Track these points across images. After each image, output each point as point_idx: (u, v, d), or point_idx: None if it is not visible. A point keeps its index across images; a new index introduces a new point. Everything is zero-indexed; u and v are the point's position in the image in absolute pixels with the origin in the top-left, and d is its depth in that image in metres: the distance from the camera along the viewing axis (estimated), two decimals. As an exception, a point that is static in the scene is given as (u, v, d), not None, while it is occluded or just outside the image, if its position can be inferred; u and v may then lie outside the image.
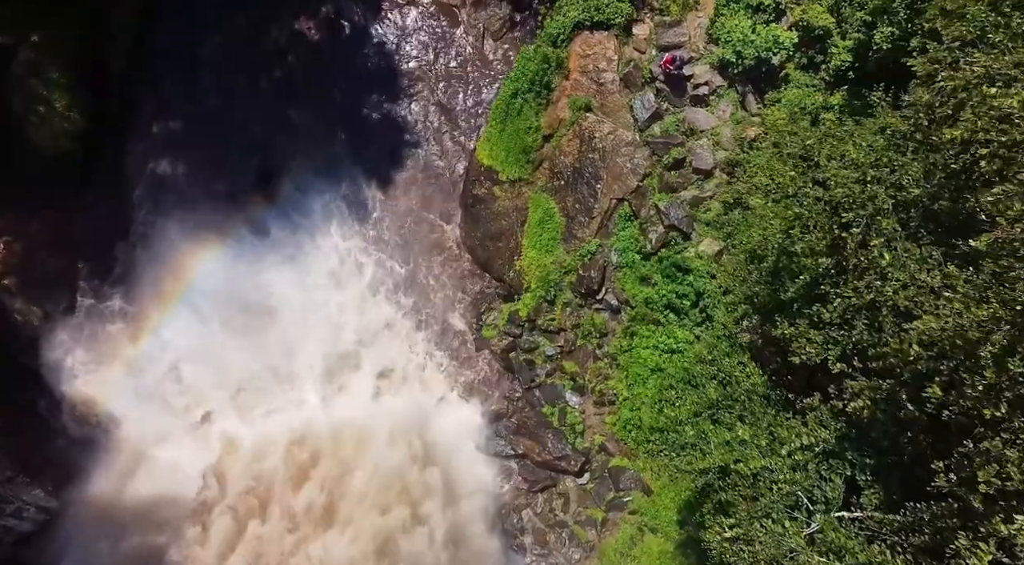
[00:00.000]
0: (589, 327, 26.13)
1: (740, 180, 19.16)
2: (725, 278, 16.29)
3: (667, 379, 19.91)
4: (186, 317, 28.50)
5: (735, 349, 15.06)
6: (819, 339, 11.64)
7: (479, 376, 28.60)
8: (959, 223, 10.12)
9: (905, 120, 11.16)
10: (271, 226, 28.77)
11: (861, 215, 11.06)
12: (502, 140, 26.99)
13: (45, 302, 27.88)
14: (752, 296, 14.60)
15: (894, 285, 10.14)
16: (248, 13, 28.78)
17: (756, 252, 14.08)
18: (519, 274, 27.38)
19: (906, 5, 16.27)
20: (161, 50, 28.70)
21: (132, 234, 28.77)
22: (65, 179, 27.14)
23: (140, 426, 27.73)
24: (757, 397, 13.35)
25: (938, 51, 11.35)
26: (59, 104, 24.46)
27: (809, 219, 11.98)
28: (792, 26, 22.59)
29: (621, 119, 25.44)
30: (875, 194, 11.12)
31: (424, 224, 29.26)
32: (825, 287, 11.71)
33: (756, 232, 13.80)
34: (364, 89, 29.27)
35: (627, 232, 25.29)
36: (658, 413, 18.23)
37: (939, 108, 10.50)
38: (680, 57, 23.83)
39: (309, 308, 28.37)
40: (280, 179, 28.92)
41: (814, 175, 12.60)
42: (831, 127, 15.00)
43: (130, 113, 28.51)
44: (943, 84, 10.49)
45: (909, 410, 9.76)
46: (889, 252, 10.27)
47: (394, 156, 29.19)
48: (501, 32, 28.77)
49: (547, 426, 27.02)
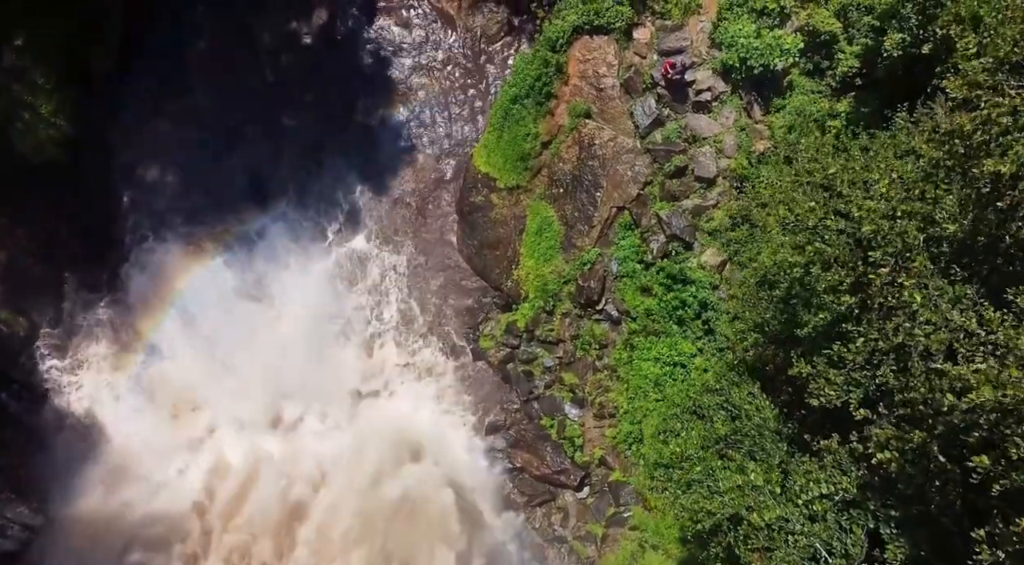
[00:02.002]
0: (589, 338, 25.55)
1: (748, 195, 18.50)
2: (734, 303, 15.56)
3: (672, 408, 19.26)
4: (176, 328, 27.92)
5: (744, 379, 14.37)
6: (839, 380, 10.86)
7: (475, 387, 27.98)
8: (998, 259, 9.46)
9: (938, 146, 10.42)
10: (263, 233, 28.19)
11: (889, 252, 10.32)
12: (500, 147, 26.37)
13: (31, 312, 27.29)
14: (763, 324, 13.88)
15: (926, 329, 9.37)
16: (240, 16, 28.16)
17: (767, 278, 13.37)
18: (517, 283, 26.78)
19: (917, 11, 15.72)
20: (150, 51, 28.08)
21: (120, 242, 28.15)
22: (51, 185, 26.47)
23: (128, 440, 27.14)
24: (768, 432, 12.66)
25: (977, 74, 10.60)
26: (44, 110, 23.83)
27: (831, 255, 11.22)
28: (797, 30, 22.03)
29: (621, 125, 24.84)
30: (905, 230, 10.41)
31: (420, 232, 28.65)
32: (847, 325, 10.97)
33: (767, 257, 13.11)
34: (359, 94, 28.66)
35: (628, 241, 24.72)
36: (662, 445, 17.57)
37: (978, 135, 9.76)
38: (681, 62, 23.24)
39: (302, 320, 27.72)
40: (272, 185, 28.31)
41: (835, 205, 11.84)
42: (851, 154, 14.06)
43: (117, 116, 27.86)
44: (988, 112, 9.72)
45: (940, 462, 9.06)
46: (921, 293, 9.54)
47: (389, 162, 28.59)
48: (499, 36, 28.19)
49: (546, 439, 26.44)
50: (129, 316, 28.02)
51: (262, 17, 28.27)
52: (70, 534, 24.78)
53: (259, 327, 27.81)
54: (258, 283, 27.83)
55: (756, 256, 16.14)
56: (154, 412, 27.63)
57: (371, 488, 27.05)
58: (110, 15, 25.54)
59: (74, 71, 24.87)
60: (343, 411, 27.94)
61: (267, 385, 27.44)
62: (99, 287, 27.95)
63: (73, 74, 25.35)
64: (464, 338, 28.10)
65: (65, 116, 24.59)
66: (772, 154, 19.58)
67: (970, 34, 14.41)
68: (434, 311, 28.46)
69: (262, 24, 28.49)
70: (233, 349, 27.73)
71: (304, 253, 28.41)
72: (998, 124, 9.78)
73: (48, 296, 27.38)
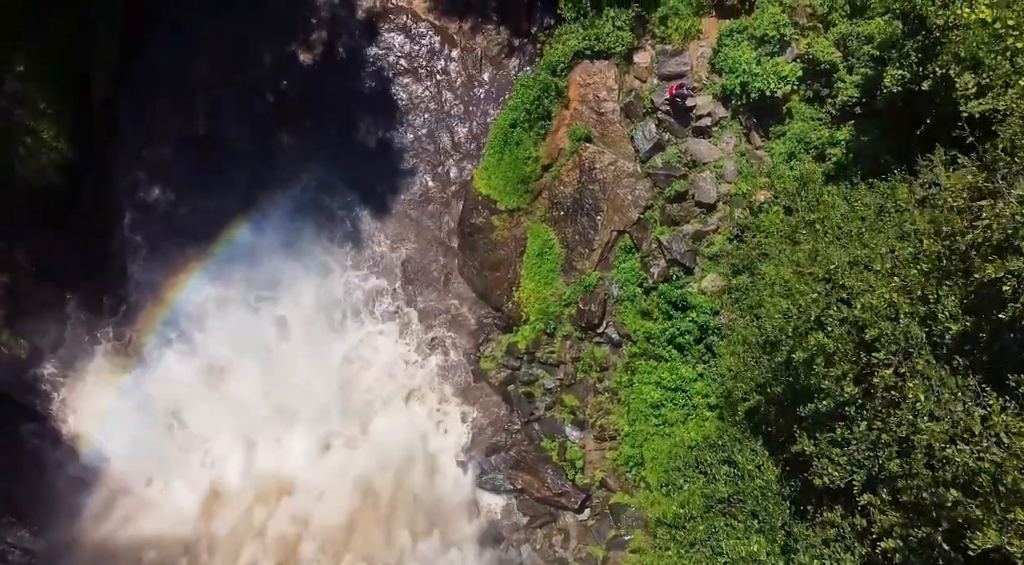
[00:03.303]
0: (589, 360, 25.61)
1: (749, 244, 18.49)
2: (734, 360, 15.53)
3: (674, 459, 19.25)
4: (178, 349, 27.92)
5: (746, 435, 14.35)
6: (843, 460, 10.88)
7: (476, 408, 28.01)
8: (1000, 348, 9.46)
9: (938, 236, 10.30)
10: (262, 254, 28.15)
11: (892, 351, 10.33)
12: (500, 169, 26.44)
13: (32, 334, 27.26)
14: (765, 384, 13.87)
15: (929, 426, 9.34)
16: (239, 35, 28.19)
17: (768, 340, 13.34)
18: (517, 305, 26.83)
19: (917, 49, 15.80)
20: (150, 72, 28.06)
21: (121, 263, 28.16)
22: (51, 208, 26.53)
23: (131, 463, 27.08)
24: (771, 494, 12.65)
25: (978, 177, 10.50)
26: (46, 134, 23.87)
27: (833, 349, 11.19)
28: (797, 58, 22.12)
29: (622, 150, 24.93)
30: (909, 329, 10.44)
31: (420, 252, 28.69)
32: (850, 409, 10.95)
33: (769, 322, 13.07)
34: (359, 114, 28.70)
35: (628, 265, 24.79)
36: (664, 497, 17.56)
37: (978, 235, 9.63)
38: (686, 85, 23.33)
39: (301, 340, 27.75)
40: (272, 206, 28.32)
41: (838, 294, 11.80)
42: (854, 238, 13.60)
43: (116, 138, 27.90)
44: (988, 222, 9.62)
45: (945, 550, 9.03)
46: (924, 392, 9.55)
47: (389, 183, 28.63)
48: (499, 57, 28.27)
49: (546, 460, 26.47)
50: (129, 336, 28.03)
51: (262, 37, 28.31)
52: (71, 559, 24.75)
53: (258, 345, 27.84)
54: (257, 301, 27.81)
55: (758, 305, 16.17)
56: (154, 432, 27.56)
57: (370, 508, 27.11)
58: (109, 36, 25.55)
59: (75, 93, 24.89)
60: (342, 429, 27.92)
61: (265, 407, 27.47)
62: (100, 308, 27.95)
63: (74, 96, 25.39)
64: (465, 358, 28.15)
65: (66, 140, 24.61)
66: (772, 204, 19.62)
67: (969, 75, 14.56)
68: (433, 331, 28.50)
69: (262, 45, 28.55)
70: (233, 367, 27.78)
71: (303, 271, 28.42)
72: (999, 230, 9.66)
73: (49, 318, 27.35)
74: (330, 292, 28.54)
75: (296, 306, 28.33)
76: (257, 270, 28.26)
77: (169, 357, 27.84)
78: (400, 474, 27.46)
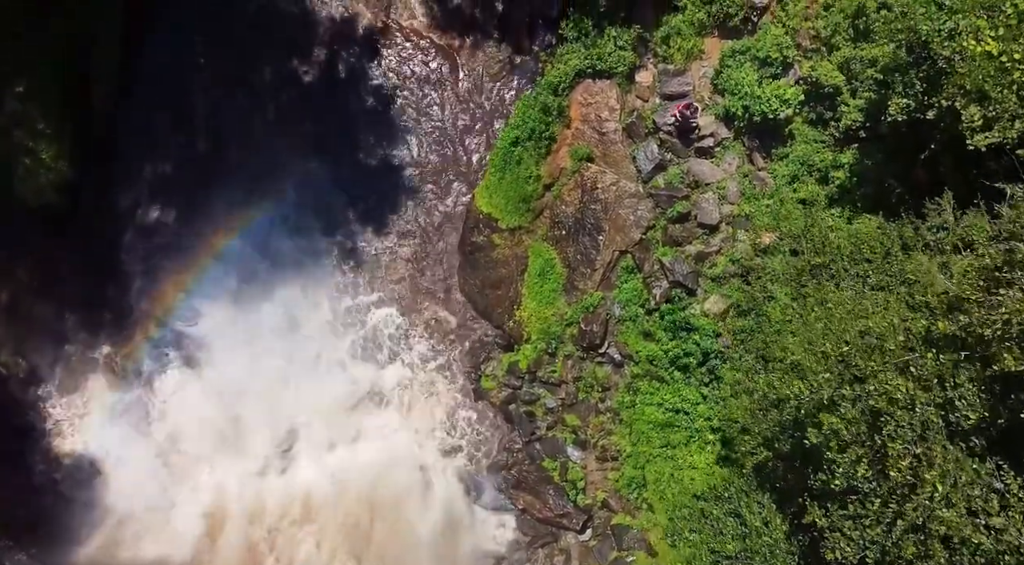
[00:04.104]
0: (591, 380, 25.50)
1: (755, 287, 18.31)
2: (741, 412, 15.30)
3: (681, 509, 19.06)
4: (177, 367, 27.75)
5: (753, 489, 14.13)
6: (855, 534, 10.68)
7: (476, 427, 27.87)
8: (1020, 432, 9.28)
9: (954, 324, 10.04)
10: (261, 272, 27.99)
11: (909, 439, 10.07)
12: (501, 188, 26.34)
13: (31, 353, 27.09)
14: (772, 439, 13.66)
15: (948, 515, 9.13)
16: (239, 53, 27.99)
17: (778, 399, 13.10)
18: (519, 324, 26.72)
19: (922, 78, 15.70)
20: (151, 89, 27.91)
21: (120, 280, 27.97)
22: (51, 226, 26.36)
23: (130, 483, 26.89)
24: (780, 553, 12.44)
25: (995, 259, 10.12)
26: (46, 155, 23.73)
27: (847, 433, 10.94)
28: (800, 80, 22.03)
29: (624, 169, 24.84)
30: (926, 418, 10.18)
31: (420, 269, 28.54)
32: (865, 487, 10.73)
33: (778, 380, 12.82)
34: (359, 130, 28.52)
35: (630, 285, 24.68)
36: (671, 548, 17.37)
37: (996, 329, 9.38)
38: (693, 105, 23.20)
39: (301, 358, 27.61)
40: (272, 224, 28.15)
41: (852, 372, 11.60)
42: (864, 299, 13.19)
43: (116, 155, 27.72)
44: (1008, 316, 9.32)
45: None
46: (941, 480, 9.35)
47: (389, 200, 28.45)
48: (500, 75, 28.11)
49: (548, 481, 26.36)
50: (128, 354, 27.86)
51: (263, 53, 28.13)
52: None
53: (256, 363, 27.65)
54: (256, 322, 27.64)
55: (763, 346, 16.01)
56: (153, 451, 27.40)
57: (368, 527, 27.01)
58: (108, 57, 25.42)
59: (74, 114, 24.75)
60: (340, 447, 27.79)
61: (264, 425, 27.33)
62: (99, 326, 27.74)
63: (74, 114, 25.23)
64: (466, 377, 28.02)
65: (65, 159, 24.46)
66: (777, 247, 19.47)
67: (975, 107, 14.46)
68: (433, 349, 28.36)
69: (263, 61, 28.36)
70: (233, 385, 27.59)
71: (302, 288, 28.27)
72: (1019, 323, 9.37)
73: (48, 336, 27.16)
74: (329, 310, 28.38)
75: (295, 323, 28.19)
76: (256, 288, 28.06)
77: (168, 375, 27.68)
78: (399, 493, 27.36)
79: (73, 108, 24.71)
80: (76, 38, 24.21)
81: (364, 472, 27.48)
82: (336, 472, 27.49)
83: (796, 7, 22.04)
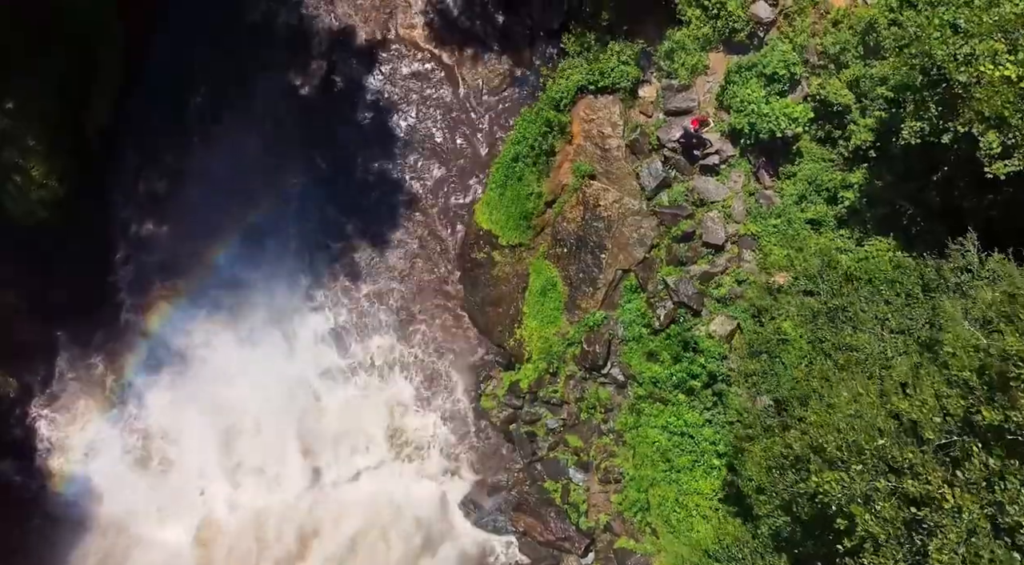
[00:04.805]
0: (594, 401, 24.98)
1: (768, 329, 17.75)
2: (756, 470, 14.65)
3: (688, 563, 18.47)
4: (168, 384, 27.29)
5: (769, 552, 13.52)
6: None
7: (476, 447, 27.36)
8: None
9: (998, 413, 9.42)
10: (260, 292, 27.53)
11: (955, 543, 9.41)
12: (502, 204, 25.85)
13: (22, 372, 26.70)
14: (791, 502, 13.00)
15: None
16: (237, 67, 27.55)
17: (797, 457, 12.44)
18: (520, 343, 26.22)
19: (936, 101, 15.19)
20: (147, 105, 27.47)
21: (112, 297, 27.53)
22: (43, 244, 25.89)
23: (123, 500, 26.48)
24: None
25: None
26: (36, 172, 23.28)
27: (884, 535, 10.23)
28: (807, 97, 21.50)
29: (627, 187, 24.33)
30: (974, 524, 9.48)
31: (418, 285, 28.04)
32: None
33: (795, 440, 12.20)
34: (357, 146, 28.09)
35: (633, 305, 24.16)
36: None
37: None
38: (706, 119, 22.63)
39: (296, 380, 27.16)
40: (270, 241, 27.69)
41: (888, 463, 10.82)
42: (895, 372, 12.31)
43: (112, 172, 27.29)
44: None
45: None
46: None
47: (388, 215, 27.99)
48: (500, 88, 27.64)
49: (549, 503, 25.86)
50: (120, 371, 27.41)
51: (261, 69, 27.68)
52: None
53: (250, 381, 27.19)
54: (252, 344, 27.19)
55: (776, 388, 15.46)
56: (145, 468, 26.98)
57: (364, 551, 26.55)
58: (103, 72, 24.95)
59: (66, 131, 24.27)
60: (335, 465, 27.32)
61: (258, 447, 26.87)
62: (91, 344, 27.32)
63: (67, 131, 24.77)
64: (466, 396, 27.53)
65: (57, 177, 23.99)
66: (791, 287, 18.93)
67: (993, 134, 13.96)
68: (432, 366, 27.87)
69: (260, 76, 27.89)
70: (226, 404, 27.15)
71: (298, 305, 27.80)
72: None
73: (40, 355, 26.78)
74: (325, 326, 27.92)
75: (290, 340, 27.74)
76: (250, 305, 27.66)
77: (159, 392, 27.25)
78: (396, 514, 26.90)
79: (67, 124, 24.27)
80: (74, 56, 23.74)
81: (360, 494, 27.05)
82: (332, 493, 27.05)
83: (803, 23, 21.52)
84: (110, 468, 26.74)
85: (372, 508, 27.00)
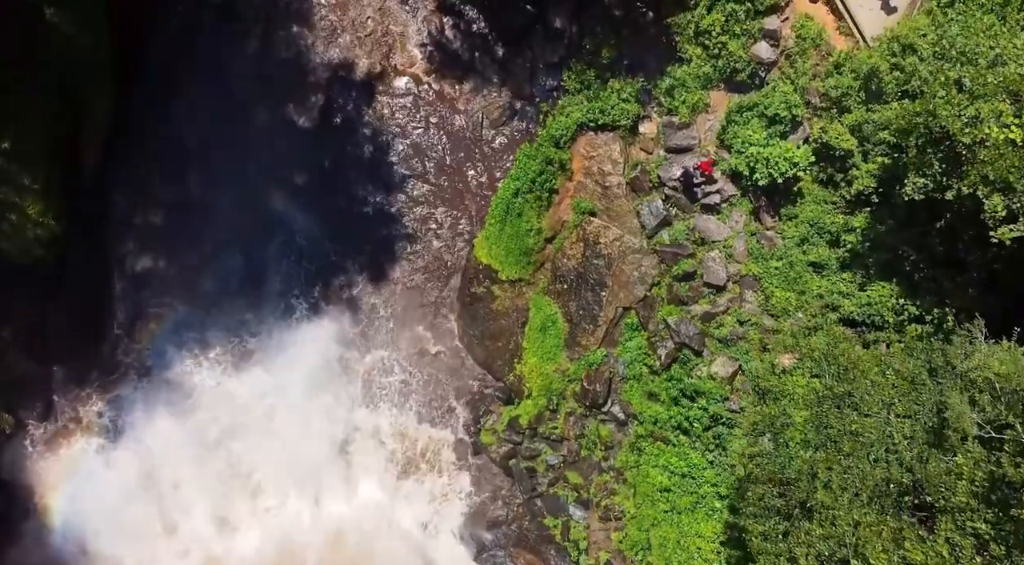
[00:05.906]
0: (594, 438, 24.84)
1: (772, 410, 17.58)
2: (765, 561, 14.48)
3: None
4: (164, 416, 27.09)
5: None
6: None
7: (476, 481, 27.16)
8: None
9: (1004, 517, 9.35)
10: (258, 326, 27.36)
11: None
12: (501, 239, 25.69)
13: (18, 408, 26.49)
14: None
15: None
16: (233, 102, 27.31)
17: None
18: (520, 378, 26.06)
19: (940, 158, 15.07)
20: (143, 138, 27.24)
21: (108, 332, 27.34)
22: (39, 280, 25.71)
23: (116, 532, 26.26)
24: None
25: None
26: (32, 210, 23.09)
27: None
28: (809, 139, 21.39)
29: (628, 224, 24.21)
30: None
31: (417, 319, 27.85)
32: None
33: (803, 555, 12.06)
34: (356, 178, 27.86)
35: (634, 343, 24.04)
36: None
37: None
38: (713, 160, 22.49)
39: (296, 412, 26.93)
40: (268, 276, 27.51)
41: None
42: None
43: (108, 207, 27.08)
44: None
45: None
46: None
47: (388, 250, 27.79)
48: (500, 120, 27.47)
49: (549, 540, 25.72)
50: (121, 411, 27.23)
51: (258, 103, 27.46)
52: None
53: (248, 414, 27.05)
54: (251, 377, 27.02)
55: (780, 471, 15.29)
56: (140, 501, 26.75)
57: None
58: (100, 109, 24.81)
59: (62, 168, 24.09)
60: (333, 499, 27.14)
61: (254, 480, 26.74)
62: (88, 380, 27.14)
63: (62, 169, 24.56)
64: (465, 430, 27.35)
65: (53, 214, 23.80)
66: (798, 368, 18.80)
67: (998, 197, 13.84)
68: (431, 401, 27.68)
69: (259, 107, 27.68)
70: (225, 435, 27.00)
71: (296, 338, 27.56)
72: None
73: (36, 391, 26.62)
74: (323, 359, 27.66)
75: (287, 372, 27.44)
76: (248, 338, 27.51)
77: (156, 424, 27.02)
78: (395, 548, 26.70)
79: (61, 162, 24.08)
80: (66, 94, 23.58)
81: (358, 527, 26.85)
82: (328, 525, 26.86)
83: (805, 64, 21.42)
84: (105, 500, 26.49)
85: (370, 543, 26.81)
